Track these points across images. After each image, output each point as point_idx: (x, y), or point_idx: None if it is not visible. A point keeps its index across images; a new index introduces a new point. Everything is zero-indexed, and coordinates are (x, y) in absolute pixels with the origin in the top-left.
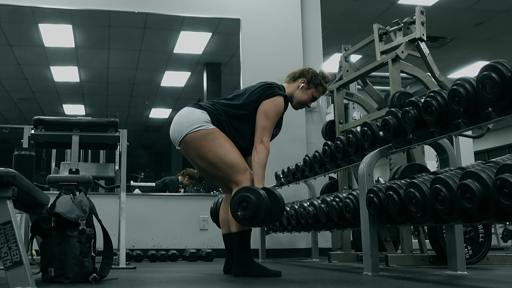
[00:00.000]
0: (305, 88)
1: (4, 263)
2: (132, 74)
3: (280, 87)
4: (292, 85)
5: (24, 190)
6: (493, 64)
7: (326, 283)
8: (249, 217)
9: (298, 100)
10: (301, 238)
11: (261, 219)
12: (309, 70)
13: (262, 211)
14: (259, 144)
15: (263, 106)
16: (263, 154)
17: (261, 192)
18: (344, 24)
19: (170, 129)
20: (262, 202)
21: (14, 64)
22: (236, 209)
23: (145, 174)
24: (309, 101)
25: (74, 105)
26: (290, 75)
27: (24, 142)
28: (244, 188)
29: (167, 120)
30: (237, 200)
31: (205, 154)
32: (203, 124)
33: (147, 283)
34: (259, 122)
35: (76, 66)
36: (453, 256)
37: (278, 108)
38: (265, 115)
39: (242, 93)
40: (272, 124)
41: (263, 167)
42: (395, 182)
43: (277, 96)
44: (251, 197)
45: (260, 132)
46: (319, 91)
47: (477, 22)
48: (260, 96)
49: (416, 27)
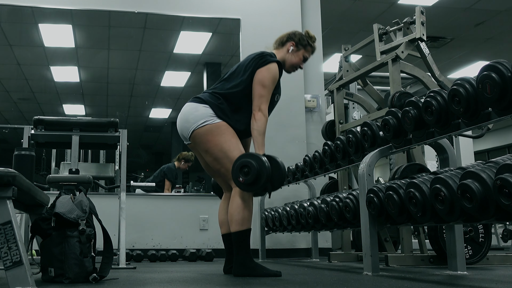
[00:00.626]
0: (295, 51)
1: (4, 263)
2: (132, 74)
3: (271, 55)
4: (282, 50)
5: (24, 190)
6: (493, 64)
7: (326, 283)
8: (250, 182)
9: (290, 63)
10: (301, 238)
11: (263, 184)
12: (296, 32)
13: (263, 176)
14: (257, 112)
15: (258, 75)
16: (262, 122)
17: (262, 157)
18: (344, 24)
19: (177, 126)
20: (264, 167)
21: (14, 64)
22: (238, 175)
23: (145, 174)
24: (300, 62)
25: (74, 105)
26: (278, 41)
27: (24, 142)
28: (245, 155)
29: (167, 120)
30: (238, 166)
31: (211, 149)
32: (208, 119)
33: (147, 283)
34: (256, 90)
35: (76, 66)
36: (453, 256)
37: (273, 75)
38: (261, 83)
39: (236, 70)
40: (268, 91)
41: (263, 134)
42: (395, 182)
43: (271, 63)
44: (252, 163)
45: (257, 100)
46: (308, 51)
47: (477, 22)
48: (254, 66)
49: (416, 27)
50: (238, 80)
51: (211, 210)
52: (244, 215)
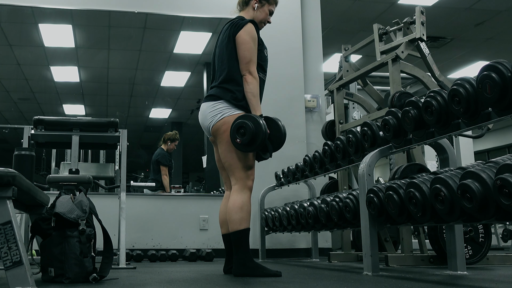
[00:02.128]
0: (260, 7)
1: (4, 263)
2: (132, 74)
3: (241, 18)
4: (247, 10)
5: (24, 190)
6: (493, 64)
7: (326, 283)
8: (247, 142)
9: (258, 20)
10: (301, 238)
11: (259, 143)
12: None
13: (259, 136)
14: (248, 75)
15: (238, 40)
16: (254, 84)
17: (258, 118)
18: (344, 24)
19: (201, 125)
20: (259, 127)
21: (14, 64)
22: (235, 136)
23: (145, 174)
24: (267, 17)
25: (74, 105)
26: (240, 3)
27: (24, 142)
28: (241, 116)
29: (167, 120)
30: (235, 128)
31: (225, 139)
32: (226, 112)
33: (147, 283)
34: (241, 55)
35: (76, 66)
36: (453, 256)
37: (251, 35)
38: (243, 46)
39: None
40: (252, 52)
41: (257, 96)
42: (395, 182)
43: (245, 25)
44: (248, 123)
45: (245, 64)
46: (272, 4)
47: (477, 22)
48: (232, 35)
49: (416, 27)
50: (226, 58)
51: (211, 210)
52: (242, 215)
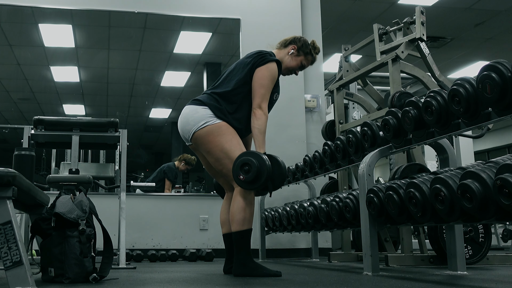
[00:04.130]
0: (295, 55)
1: (4, 263)
2: (132, 74)
3: (271, 53)
4: (283, 51)
5: (24, 190)
6: (493, 64)
7: (326, 283)
8: (251, 180)
9: (286, 65)
10: (301, 238)
11: (263, 182)
12: (301, 38)
13: (263, 174)
14: (257, 110)
15: (258, 74)
16: (262, 120)
17: (263, 155)
18: (344, 24)
19: (179, 129)
20: (264, 165)
21: (14, 64)
22: (238, 173)
23: (145, 174)
24: (297, 68)
25: (74, 105)
26: (282, 42)
27: (24, 142)
28: (246, 153)
29: (167, 120)
30: (239, 164)
31: (212, 149)
32: (208, 120)
33: (147, 283)
34: (255, 89)
35: (76, 66)
36: (453, 256)
37: (272, 74)
38: (260, 82)
39: (235, 68)
40: (268, 90)
41: (263, 133)
42: (395, 182)
43: (270, 62)
44: (253, 160)
45: (257, 98)
46: (308, 60)
47: (477, 22)
48: (253, 65)
49: (416, 27)
50: (236, 78)
51: (211, 210)
52: (245, 215)
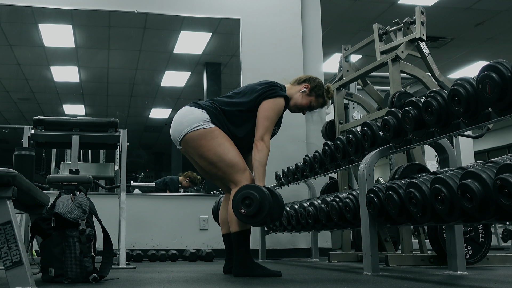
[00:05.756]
0: (306, 94)
1: (4, 263)
2: (132, 74)
3: (282, 87)
4: (295, 88)
5: (24, 190)
6: (493, 64)
7: (326, 283)
8: (252, 214)
9: (295, 102)
10: (301, 238)
11: (264, 216)
12: (316, 79)
13: (265, 209)
14: (260, 142)
15: (264, 105)
16: (264, 153)
17: (264, 189)
18: (344, 24)
19: (171, 128)
20: (265, 200)
21: (14, 64)
22: (239, 207)
23: (145, 174)
24: (306, 107)
25: (74, 105)
26: (297, 79)
27: (24, 142)
28: (247, 186)
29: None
30: (240, 197)
31: (205, 153)
32: (203, 123)
33: (147, 283)
34: (260, 121)
35: (76, 66)
36: (453, 256)
37: (278, 108)
38: (266, 114)
39: (242, 91)
40: (272, 123)
41: (264, 166)
42: (395, 182)
43: (278, 97)
44: (255, 194)
45: (260, 130)
46: (318, 102)
47: (477, 22)
48: (261, 94)
49: (416, 27)
50: (242, 101)
51: (211, 210)
52: None
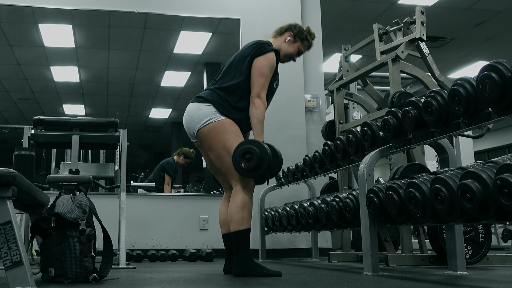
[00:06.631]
0: (292, 42)
1: (4, 263)
2: (132, 74)
3: (268, 43)
4: (279, 39)
5: (24, 190)
6: (493, 64)
7: (326, 283)
8: (252, 168)
9: (284, 53)
10: (301, 238)
11: (264, 170)
12: (296, 25)
13: (265, 163)
14: (256, 99)
15: (256, 63)
16: (261, 109)
17: (263, 144)
18: (344, 24)
19: (185, 127)
20: (265, 154)
21: (14, 64)
22: (240, 161)
23: (145, 174)
24: (295, 54)
25: (74, 105)
26: (277, 30)
27: (24, 142)
28: (247, 141)
29: (167, 120)
30: (240, 152)
31: (214, 146)
32: (212, 117)
33: (147, 283)
34: (254, 79)
35: (76, 66)
36: (453, 256)
37: (270, 63)
38: (259, 71)
39: (233, 61)
40: (267, 79)
41: (262, 122)
42: (395, 182)
43: (269, 52)
44: (255, 149)
45: (256, 88)
46: (304, 45)
47: (477, 22)
48: (252, 56)
49: (416, 27)
50: (237, 71)
51: (211, 210)
52: (243, 214)
